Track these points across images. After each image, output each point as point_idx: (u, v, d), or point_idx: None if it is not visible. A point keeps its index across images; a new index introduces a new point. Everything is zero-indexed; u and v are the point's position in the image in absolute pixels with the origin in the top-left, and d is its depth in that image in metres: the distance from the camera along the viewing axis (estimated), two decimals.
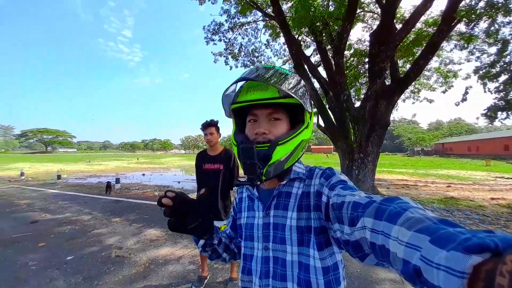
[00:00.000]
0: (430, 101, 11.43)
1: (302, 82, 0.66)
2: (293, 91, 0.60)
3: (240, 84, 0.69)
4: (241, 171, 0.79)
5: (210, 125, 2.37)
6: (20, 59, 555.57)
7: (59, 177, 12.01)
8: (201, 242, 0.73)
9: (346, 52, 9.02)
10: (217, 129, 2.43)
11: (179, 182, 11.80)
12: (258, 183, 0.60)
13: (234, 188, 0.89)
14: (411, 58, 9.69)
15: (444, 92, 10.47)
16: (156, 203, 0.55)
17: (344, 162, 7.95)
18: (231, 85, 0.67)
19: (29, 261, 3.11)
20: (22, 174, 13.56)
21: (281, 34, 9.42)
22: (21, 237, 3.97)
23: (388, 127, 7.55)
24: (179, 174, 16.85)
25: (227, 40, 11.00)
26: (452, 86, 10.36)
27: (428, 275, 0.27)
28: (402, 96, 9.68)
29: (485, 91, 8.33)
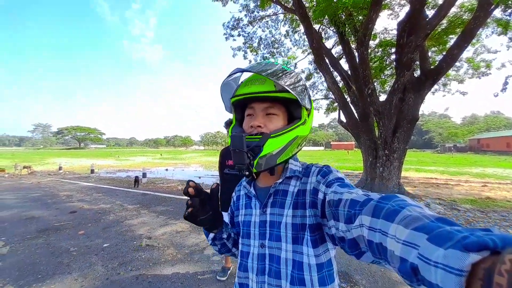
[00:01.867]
0: (464, 93, 10.55)
1: (302, 79, 0.66)
2: (290, 86, 0.60)
3: (241, 79, 0.71)
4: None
5: (231, 123, 2.42)
6: (52, 62, 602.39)
7: (92, 171, 12.97)
8: (211, 235, 0.74)
9: (370, 43, 8.60)
10: None
11: (199, 177, 12.17)
12: (247, 173, 0.61)
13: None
14: (441, 47, 9.01)
15: (480, 77, 9.57)
16: (181, 196, 0.59)
17: (367, 158, 7.66)
18: (228, 75, 0.69)
19: (71, 247, 3.43)
20: (60, 168, 14.85)
21: (301, 25, 9.20)
22: (63, 225, 4.38)
23: (417, 122, 7.12)
24: (199, 169, 17.38)
25: (245, 35, 11.00)
26: (488, 74, 9.46)
27: (425, 273, 0.26)
28: (432, 89, 9.05)
29: None
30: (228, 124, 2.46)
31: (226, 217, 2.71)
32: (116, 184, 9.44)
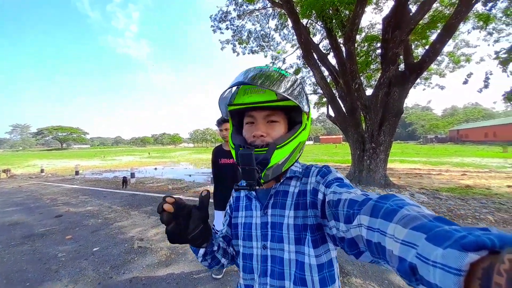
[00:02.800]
0: (442, 87, 10.96)
1: (299, 82, 0.66)
2: (289, 92, 0.60)
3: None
4: None
5: (225, 121, 2.40)
6: (32, 59, 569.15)
7: (77, 172, 12.51)
8: (201, 251, 0.68)
9: (356, 37, 8.72)
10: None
11: (190, 175, 12.04)
12: (257, 187, 0.60)
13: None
14: (424, 41, 9.28)
15: (454, 69, 10.02)
16: (172, 195, 0.54)
17: (355, 152, 7.86)
18: (227, 89, 0.67)
19: (58, 253, 3.31)
20: (42, 170, 14.20)
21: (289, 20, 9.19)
22: (48, 230, 4.21)
23: (401, 115, 7.35)
24: (189, 167, 17.17)
25: (234, 28, 10.85)
26: (463, 66, 9.92)
27: (424, 272, 0.27)
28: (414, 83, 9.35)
29: (508, 76, 7.90)
30: (220, 122, 2.43)
31: (221, 216, 2.66)
32: (103, 185, 9.16)
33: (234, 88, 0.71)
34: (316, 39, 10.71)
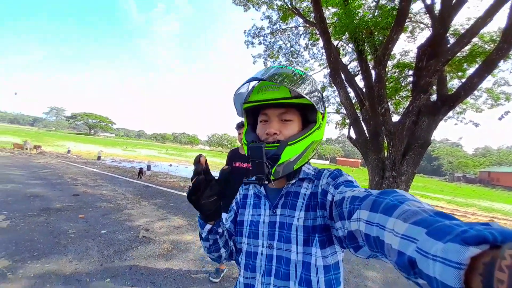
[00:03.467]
0: (476, 124, 10.29)
1: (315, 82, 0.66)
2: (305, 91, 0.60)
3: (252, 84, 0.70)
4: None
5: (243, 126, 2.43)
6: (78, 51, 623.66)
7: (99, 158, 13.19)
8: (207, 226, 0.70)
9: (388, 63, 8.58)
10: None
11: None
12: (266, 182, 0.59)
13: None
14: (460, 74, 8.90)
15: (492, 106, 9.40)
16: (182, 192, 0.57)
17: (373, 178, 7.52)
18: (243, 84, 0.68)
19: (69, 229, 3.45)
20: (68, 151, 15.15)
21: (320, 39, 9.31)
22: (64, 207, 4.43)
23: (428, 147, 6.98)
24: None
25: (266, 43, 11.18)
26: (502, 105, 9.29)
27: (423, 266, 0.26)
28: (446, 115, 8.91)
29: None
30: (240, 126, 2.46)
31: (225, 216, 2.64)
32: (120, 173, 9.54)
33: (250, 87, 0.72)
34: (345, 60, 10.70)
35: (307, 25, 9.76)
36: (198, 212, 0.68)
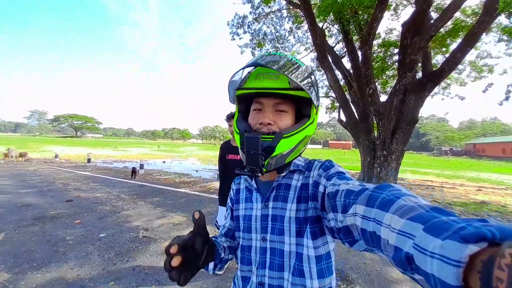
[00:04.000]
0: (462, 98, 10.58)
1: (313, 75, 0.65)
2: (304, 84, 0.59)
3: (248, 69, 0.67)
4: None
5: (233, 117, 2.40)
6: (51, 47, 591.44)
7: (89, 160, 12.88)
8: (211, 265, 0.66)
9: (373, 42, 8.57)
10: None
11: (197, 171, 12.15)
12: (259, 174, 0.59)
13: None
14: (444, 49, 9.01)
15: (476, 79, 9.63)
16: (178, 189, 0.50)
17: (365, 158, 7.71)
18: (241, 69, 0.66)
19: (66, 236, 3.41)
20: (56, 156, 14.71)
21: (305, 22, 9.14)
22: (59, 213, 4.35)
23: (416, 124, 7.15)
24: (197, 163, 17.34)
25: (252, 31, 10.91)
26: (485, 77, 9.54)
27: (421, 262, 0.26)
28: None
29: None
30: (229, 117, 2.43)
31: (224, 211, 2.66)
32: (113, 174, 9.39)
33: (245, 73, 0.69)
34: (331, 42, 10.61)
35: (291, 7, 9.53)
36: None
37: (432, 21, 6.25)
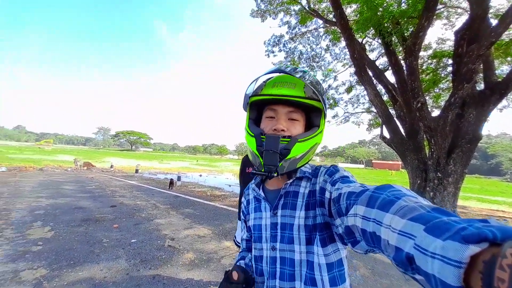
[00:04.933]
0: None
1: (324, 87, 0.69)
2: (319, 92, 0.64)
3: (264, 78, 0.72)
4: None
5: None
6: (122, 75, 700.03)
7: (136, 171, 14.24)
8: None
9: (423, 53, 7.85)
10: None
11: (230, 185, 12.32)
12: (275, 174, 0.60)
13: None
14: (510, 59, 7.72)
15: None
16: (208, 201, 0.51)
17: (414, 181, 6.76)
18: (262, 75, 0.69)
19: (104, 238, 3.68)
20: (111, 166, 16.68)
21: (342, 39, 8.95)
22: (102, 217, 4.78)
23: (480, 143, 6.08)
24: (231, 178, 17.66)
25: (287, 50, 11.15)
26: None
27: (421, 263, 0.26)
28: (499, 105, 7.70)
29: None
30: None
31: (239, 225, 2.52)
32: (154, 184, 10.13)
33: (260, 82, 0.73)
34: (372, 56, 10.10)
35: (328, 25, 9.49)
36: None
37: (491, 27, 5.46)
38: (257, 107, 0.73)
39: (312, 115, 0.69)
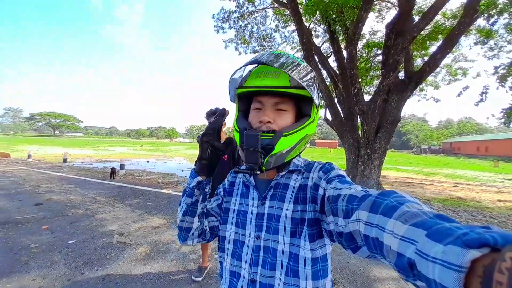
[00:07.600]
0: (437, 100, 10.93)
1: (313, 73, 0.64)
2: (305, 82, 0.59)
3: (249, 67, 0.68)
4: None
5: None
6: (30, 42, 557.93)
7: (65, 160, 12.17)
8: (197, 178, 0.70)
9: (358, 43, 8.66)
10: None
11: (182, 170, 11.84)
12: (258, 172, 0.59)
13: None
14: (423, 52, 9.31)
15: (450, 82, 10.04)
16: (160, 190, 0.45)
17: (350, 157, 7.79)
18: (242, 67, 0.65)
19: (31, 243, 3.11)
20: (29, 156, 13.78)
21: (290, 22, 9.11)
22: (25, 219, 4.00)
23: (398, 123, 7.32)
24: (183, 162, 16.92)
25: (237, 27, 10.74)
26: (459, 80, 9.98)
27: (422, 268, 0.26)
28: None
29: (506, 91, 7.92)
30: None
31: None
32: (91, 175, 8.89)
33: (246, 71, 0.69)
34: (317, 42, 10.65)
35: (277, 5, 9.45)
36: (198, 160, 0.71)
37: (414, 23, 6.39)
38: (246, 98, 0.70)
39: (302, 104, 0.66)
